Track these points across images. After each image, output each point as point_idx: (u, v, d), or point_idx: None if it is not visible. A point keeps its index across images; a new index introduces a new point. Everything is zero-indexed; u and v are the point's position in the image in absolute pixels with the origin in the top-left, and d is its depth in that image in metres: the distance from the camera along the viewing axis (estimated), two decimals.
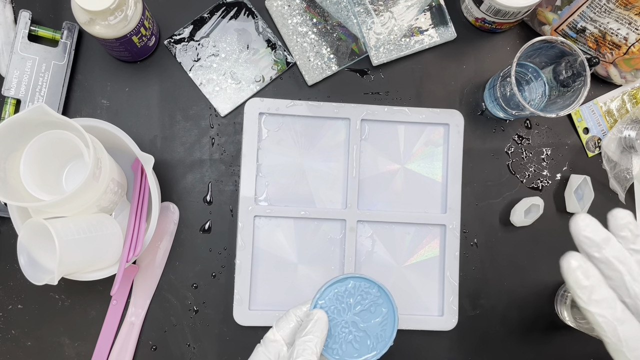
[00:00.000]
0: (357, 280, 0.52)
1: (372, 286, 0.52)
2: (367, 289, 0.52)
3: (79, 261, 0.54)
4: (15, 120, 0.49)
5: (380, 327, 0.51)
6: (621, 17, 0.63)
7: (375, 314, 0.52)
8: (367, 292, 0.52)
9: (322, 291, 0.51)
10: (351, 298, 0.51)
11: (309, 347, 0.47)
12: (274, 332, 0.50)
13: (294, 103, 0.66)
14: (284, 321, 0.51)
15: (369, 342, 0.51)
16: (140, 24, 0.59)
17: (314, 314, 0.49)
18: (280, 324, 0.51)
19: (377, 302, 0.52)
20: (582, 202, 0.69)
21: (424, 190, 0.68)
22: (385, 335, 0.51)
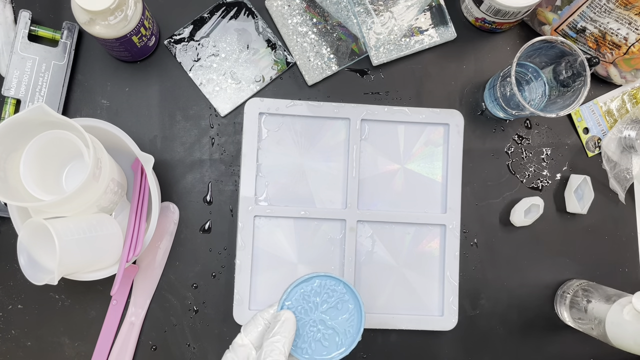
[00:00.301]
0: (323, 278, 0.52)
1: (338, 283, 0.52)
2: (333, 287, 0.52)
3: (79, 261, 0.54)
4: (15, 120, 0.49)
5: (347, 324, 0.52)
6: (621, 17, 0.63)
7: (342, 310, 0.52)
8: (333, 290, 0.52)
9: (289, 292, 0.52)
10: (317, 297, 0.52)
11: (276, 347, 0.47)
12: (242, 337, 0.51)
13: (294, 103, 0.66)
14: (251, 325, 0.51)
15: (338, 339, 0.52)
16: (140, 24, 0.59)
17: (281, 315, 0.49)
18: (248, 328, 0.51)
19: (343, 299, 0.52)
20: (582, 202, 0.69)
21: (424, 190, 0.68)
22: (352, 331, 0.52)
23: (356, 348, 0.67)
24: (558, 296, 0.68)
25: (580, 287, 0.65)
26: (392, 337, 0.67)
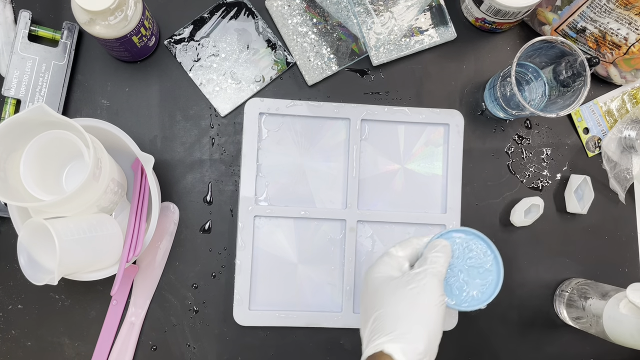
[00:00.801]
0: (479, 240, 0.55)
1: (488, 251, 0.54)
2: (484, 251, 0.55)
3: (79, 261, 0.54)
4: (15, 120, 0.49)
5: (480, 288, 0.54)
6: (621, 17, 0.63)
7: (481, 275, 0.54)
8: (485, 254, 0.54)
9: (443, 233, 0.54)
10: (466, 251, 0.54)
11: (439, 260, 0.50)
12: (397, 249, 0.53)
13: (294, 103, 0.66)
14: (405, 243, 0.54)
15: (466, 296, 0.54)
16: (140, 24, 0.59)
17: (441, 242, 0.52)
18: (403, 245, 0.53)
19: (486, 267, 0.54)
20: (582, 202, 0.69)
21: (424, 190, 0.68)
22: (482, 296, 0.54)
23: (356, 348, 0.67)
24: (557, 295, 0.68)
25: (578, 285, 0.65)
26: None
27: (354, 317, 0.65)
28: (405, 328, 0.46)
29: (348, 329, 0.66)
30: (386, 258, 0.52)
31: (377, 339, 0.46)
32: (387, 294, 0.49)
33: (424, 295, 0.48)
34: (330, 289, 0.66)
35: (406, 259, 0.53)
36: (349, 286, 0.65)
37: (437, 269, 0.50)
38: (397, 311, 0.47)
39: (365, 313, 0.50)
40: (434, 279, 0.49)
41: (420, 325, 0.46)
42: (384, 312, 0.48)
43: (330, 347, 0.66)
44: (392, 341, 0.45)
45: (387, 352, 0.45)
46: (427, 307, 0.47)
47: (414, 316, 0.47)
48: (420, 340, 0.46)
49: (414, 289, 0.48)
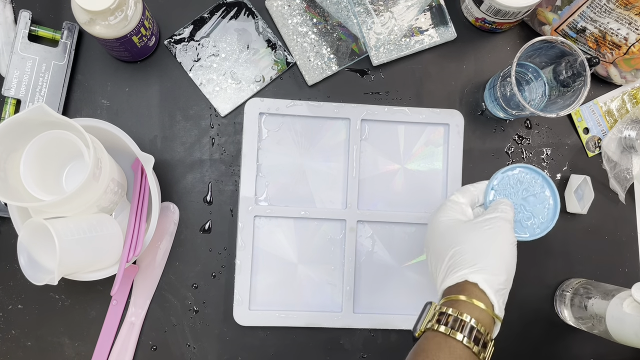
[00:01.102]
0: (526, 170, 0.58)
1: (537, 176, 0.58)
2: (534, 178, 0.58)
3: (79, 261, 0.54)
4: (15, 120, 0.49)
5: (544, 211, 0.57)
6: (621, 17, 0.63)
7: (539, 199, 0.57)
8: (535, 181, 0.58)
9: (497, 177, 0.57)
10: (520, 184, 0.58)
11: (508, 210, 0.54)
12: (458, 196, 0.56)
13: (294, 103, 0.66)
14: (463, 190, 0.57)
15: (534, 223, 0.57)
16: (140, 24, 0.59)
17: (504, 201, 0.55)
18: (462, 191, 0.57)
19: (542, 190, 0.58)
20: (582, 202, 0.69)
21: (424, 190, 0.68)
22: (548, 217, 0.57)
23: (356, 348, 0.67)
24: (557, 295, 0.68)
25: (579, 285, 0.65)
26: (392, 337, 0.67)
27: (354, 317, 0.65)
28: (486, 261, 0.49)
29: (348, 329, 0.66)
30: (450, 204, 0.56)
31: (458, 270, 0.49)
32: (463, 232, 0.52)
33: (500, 235, 0.51)
34: (330, 289, 0.66)
35: (467, 205, 0.56)
36: (349, 286, 0.65)
37: (508, 216, 0.53)
38: (476, 247, 0.50)
39: (437, 253, 0.53)
40: (506, 223, 0.52)
41: (499, 259, 0.50)
42: (462, 249, 0.50)
43: (330, 347, 0.66)
44: (476, 272, 0.48)
45: (472, 281, 0.48)
46: (504, 245, 0.51)
47: (493, 251, 0.50)
48: (501, 272, 0.49)
49: (491, 229, 0.51)
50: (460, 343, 0.45)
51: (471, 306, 0.47)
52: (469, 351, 0.45)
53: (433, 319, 0.48)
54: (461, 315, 0.46)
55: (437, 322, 0.47)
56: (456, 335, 0.45)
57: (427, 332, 0.48)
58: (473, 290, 0.48)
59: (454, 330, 0.46)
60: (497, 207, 0.54)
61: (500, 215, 0.53)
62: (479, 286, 0.48)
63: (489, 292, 0.48)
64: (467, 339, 0.45)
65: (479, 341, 0.46)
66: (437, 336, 0.46)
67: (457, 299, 0.48)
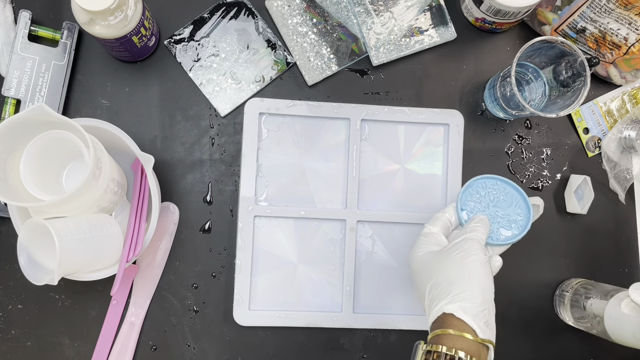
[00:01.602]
0: (481, 180, 0.59)
1: (495, 181, 0.59)
2: (492, 185, 0.59)
3: (79, 261, 0.54)
4: (15, 120, 0.49)
5: (516, 211, 0.59)
6: (621, 17, 0.63)
7: (507, 201, 0.59)
8: (494, 186, 0.59)
9: (460, 198, 0.58)
10: (485, 195, 0.59)
11: (478, 228, 0.54)
12: (429, 228, 0.57)
13: (294, 103, 0.66)
14: (433, 220, 0.58)
15: (513, 225, 0.58)
16: (140, 24, 0.59)
17: (477, 217, 0.56)
18: (432, 221, 0.58)
19: (505, 191, 0.59)
20: (582, 202, 0.69)
21: (424, 190, 0.68)
22: (522, 216, 0.59)
23: (356, 348, 0.67)
24: (557, 295, 0.68)
25: (579, 286, 0.65)
26: (392, 337, 0.67)
27: (354, 317, 0.65)
28: (459, 288, 0.49)
29: (348, 329, 0.66)
30: (423, 238, 0.56)
31: (435, 305, 0.50)
32: (435, 265, 0.52)
33: (468, 257, 0.51)
34: (330, 289, 0.66)
35: (440, 233, 0.57)
36: (349, 286, 0.65)
37: (477, 235, 0.54)
38: (447, 277, 0.51)
39: (419, 290, 0.54)
40: (474, 242, 0.53)
41: (471, 283, 0.50)
42: (435, 282, 0.51)
43: (330, 347, 0.66)
44: (450, 302, 0.49)
45: (448, 312, 0.48)
46: (474, 266, 0.51)
47: (464, 276, 0.50)
48: (476, 295, 0.49)
49: (458, 254, 0.52)
50: None
51: (456, 338, 0.47)
52: None
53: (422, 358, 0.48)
54: (449, 351, 0.46)
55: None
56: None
57: None
58: (453, 321, 0.48)
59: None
60: (467, 227, 0.55)
61: (468, 236, 0.53)
62: (455, 315, 0.48)
63: (466, 319, 0.48)
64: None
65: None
66: None
67: (444, 333, 0.47)
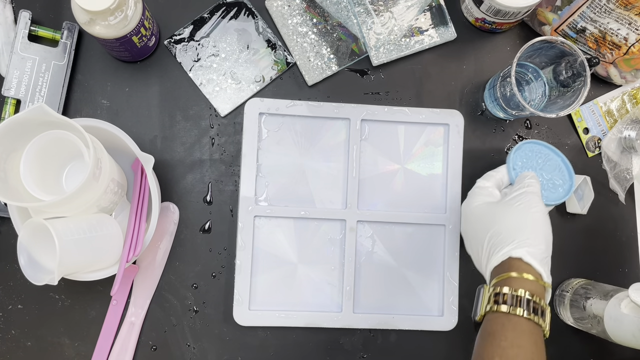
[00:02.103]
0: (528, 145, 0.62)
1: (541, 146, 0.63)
2: (538, 150, 0.63)
3: (79, 261, 0.54)
4: (15, 120, 0.49)
5: (560, 174, 0.62)
6: (621, 18, 0.63)
7: (552, 165, 0.62)
8: (539, 151, 0.63)
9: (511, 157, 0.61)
10: (532, 159, 0.62)
11: (533, 183, 0.57)
12: (483, 182, 0.60)
13: (294, 103, 0.66)
14: (487, 176, 0.61)
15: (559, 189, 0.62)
16: (140, 24, 0.59)
17: (528, 173, 0.59)
18: (485, 177, 0.61)
19: (549, 158, 0.63)
20: (582, 202, 0.69)
21: (424, 190, 0.68)
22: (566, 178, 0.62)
23: (356, 348, 0.67)
24: (557, 296, 0.68)
25: (579, 286, 0.65)
26: (392, 337, 0.67)
27: (354, 317, 0.65)
28: (524, 235, 0.52)
29: (348, 329, 0.66)
30: (477, 190, 0.59)
31: (500, 250, 0.52)
32: (496, 214, 0.55)
33: (531, 208, 0.54)
34: (330, 289, 0.66)
35: (494, 187, 0.60)
36: (349, 286, 0.65)
37: (534, 189, 0.56)
38: (511, 225, 0.53)
39: (476, 238, 0.56)
40: (535, 196, 0.56)
41: (536, 231, 0.53)
42: (497, 230, 0.53)
43: (330, 347, 0.66)
44: (517, 247, 0.51)
45: (515, 256, 0.51)
46: (537, 216, 0.54)
47: (528, 225, 0.53)
48: (540, 242, 0.52)
49: (521, 205, 0.54)
50: (522, 318, 0.48)
51: (522, 280, 0.49)
52: (532, 323, 0.48)
53: (490, 301, 0.50)
54: (516, 292, 0.48)
55: (495, 303, 0.49)
56: (517, 311, 0.48)
57: (487, 314, 0.50)
58: (519, 265, 0.50)
59: (513, 307, 0.48)
60: (523, 181, 0.57)
61: (527, 189, 0.56)
62: (524, 259, 0.50)
63: (533, 263, 0.50)
64: (527, 312, 0.48)
65: (537, 311, 0.48)
66: (499, 316, 0.49)
67: (507, 276, 0.50)
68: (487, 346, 0.48)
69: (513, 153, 0.61)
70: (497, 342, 0.47)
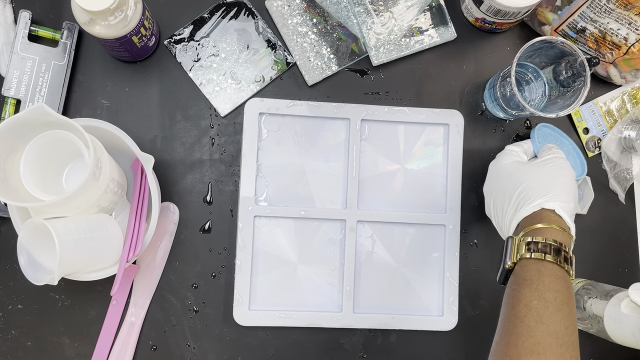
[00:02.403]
0: (546, 128, 0.66)
1: (555, 132, 0.66)
2: (550, 133, 0.66)
3: (79, 261, 0.54)
4: (15, 120, 0.49)
5: (572, 160, 0.65)
6: (621, 17, 0.63)
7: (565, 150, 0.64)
8: (554, 135, 0.66)
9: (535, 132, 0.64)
10: (550, 136, 0.66)
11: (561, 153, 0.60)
12: (512, 147, 0.63)
13: (294, 103, 0.66)
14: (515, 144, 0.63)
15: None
16: (140, 24, 0.59)
17: (553, 146, 0.62)
18: (514, 144, 0.63)
19: (562, 143, 0.66)
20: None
21: (424, 190, 0.68)
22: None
23: (356, 348, 0.67)
24: None
25: (579, 286, 0.65)
26: (392, 337, 0.67)
27: (354, 317, 0.65)
28: (557, 191, 0.54)
29: (348, 329, 0.66)
30: (507, 152, 0.62)
31: (532, 202, 0.54)
32: (528, 171, 0.57)
33: (564, 170, 0.57)
34: (330, 289, 0.66)
35: (523, 152, 0.62)
36: (349, 286, 0.65)
37: (564, 155, 0.60)
38: (544, 181, 0.56)
39: (503, 192, 0.58)
40: (566, 161, 0.59)
41: (567, 189, 0.56)
42: (531, 184, 0.55)
43: (330, 347, 0.66)
44: (550, 200, 0.54)
45: (548, 208, 0.53)
46: (569, 177, 0.57)
47: (561, 183, 0.56)
48: (570, 200, 0.55)
49: (554, 166, 0.58)
50: (555, 264, 0.50)
51: (552, 231, 0.52)
52: (563, 270, 0.50)
53: (522, 249, 0.51)
54: (549, 241, 0.50)
55: (527, 250, 0.51)
56: (551, 259, 0.50)
57: (521, 261, 0.51)
58: (549, 217, 0.53)
59: (548, 255, 0.50)
60: (551, 150, 0.60)
61: (559, 155, 0.59)
62: (556, 212, 0.53)
63: (564, 216, 0.53)
64: (560, 260, 0.50)
65: (568, 260, 0.50)
66: (534, 263, 0.50)
67: (537, 227, 0.52)
68: (524, 291, 0.49)
69: (537, 130, 0.64)
70: (535, 285, 0.49)
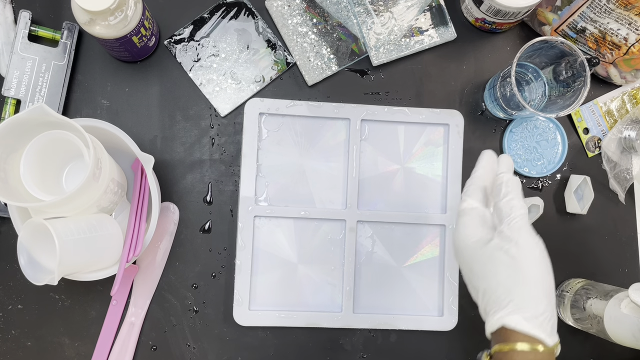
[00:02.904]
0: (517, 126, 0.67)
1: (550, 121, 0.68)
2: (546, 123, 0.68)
3: (79, 261, 0.54)
4: (15, 120, 0.49)
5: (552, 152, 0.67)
6: (621, 18, 0.63)
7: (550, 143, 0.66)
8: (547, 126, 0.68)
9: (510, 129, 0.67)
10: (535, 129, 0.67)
11: (513, 204, 0.47)
12: (469, 202, 0.49)
13: (294, 103, 0.66)
14: (469, 189, 0.50)
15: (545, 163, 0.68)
16: (140, 24, 0.59)
17: (501, 178, 0.49)
18: (468, 192, 0.50)
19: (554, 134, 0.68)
20: (582, 202, 0.69)
21: (424, 190, 0.68)
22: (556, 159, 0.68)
23: (356, 348, 0.67)
24: (557, 296, 0.68)
25: (579, 286, 0.65)
26: (392, 337, 0.67)
27: (354, 317, 0.65)
28: (519, 295, 0.44)
29: (348, 329, 0.66)
30: (465, 218, 0.49)
31: (495, 312, 0.45)
32: (485, 264, 0.46)
33: (520, 253, 0.45)
34: (330, 289, 0.66)
35: (482, 203, 0.50)
36: (349, 286, 0.65)
37: (516, 214, 0.46)
38: (503, 281, 0.45)
39: (470, 282, 0.49)
40: (520, 230, 0.46)
41: (530, 287, 0.45)
42: (490, 286, 0.46)
43: (330, 347, 0.66)
44: (511, 313, 0.44)
45: (509, 327, 0.44)
46: (531, 267, 0.45)
47: (521, 281, 0.45)
48: (538, 300, 0.45)
49: (509, 250, 0.45)
50: None
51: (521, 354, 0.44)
52: None
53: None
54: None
55: None
56: None
57: None
58: (516, 335, 0.44)
59: None
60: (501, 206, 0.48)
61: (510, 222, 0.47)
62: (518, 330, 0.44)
63: (533, 332, 0.44)
64: None
65: None
66: None
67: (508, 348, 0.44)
68: None
69: (506, 138, 0.65)
70: None
